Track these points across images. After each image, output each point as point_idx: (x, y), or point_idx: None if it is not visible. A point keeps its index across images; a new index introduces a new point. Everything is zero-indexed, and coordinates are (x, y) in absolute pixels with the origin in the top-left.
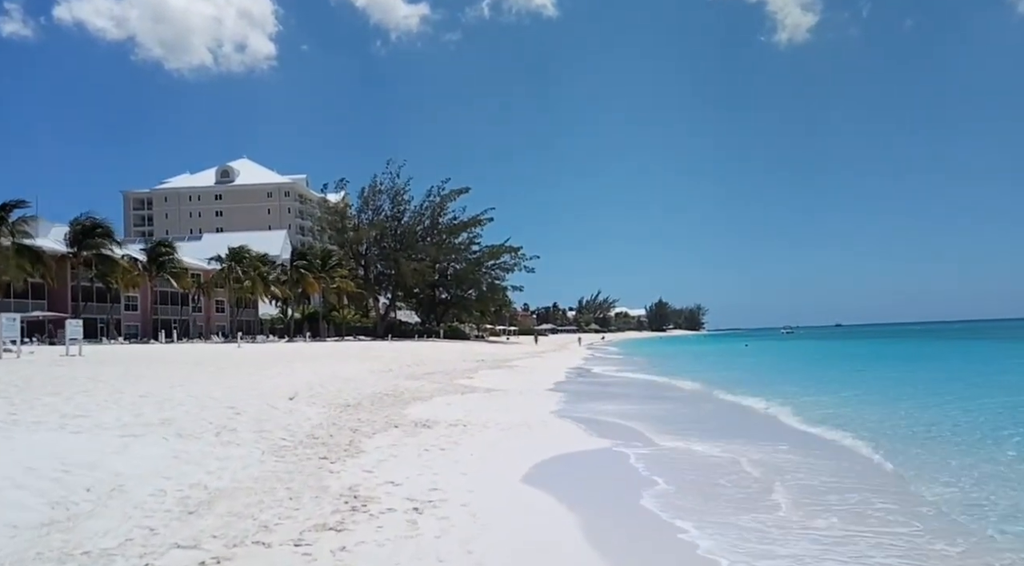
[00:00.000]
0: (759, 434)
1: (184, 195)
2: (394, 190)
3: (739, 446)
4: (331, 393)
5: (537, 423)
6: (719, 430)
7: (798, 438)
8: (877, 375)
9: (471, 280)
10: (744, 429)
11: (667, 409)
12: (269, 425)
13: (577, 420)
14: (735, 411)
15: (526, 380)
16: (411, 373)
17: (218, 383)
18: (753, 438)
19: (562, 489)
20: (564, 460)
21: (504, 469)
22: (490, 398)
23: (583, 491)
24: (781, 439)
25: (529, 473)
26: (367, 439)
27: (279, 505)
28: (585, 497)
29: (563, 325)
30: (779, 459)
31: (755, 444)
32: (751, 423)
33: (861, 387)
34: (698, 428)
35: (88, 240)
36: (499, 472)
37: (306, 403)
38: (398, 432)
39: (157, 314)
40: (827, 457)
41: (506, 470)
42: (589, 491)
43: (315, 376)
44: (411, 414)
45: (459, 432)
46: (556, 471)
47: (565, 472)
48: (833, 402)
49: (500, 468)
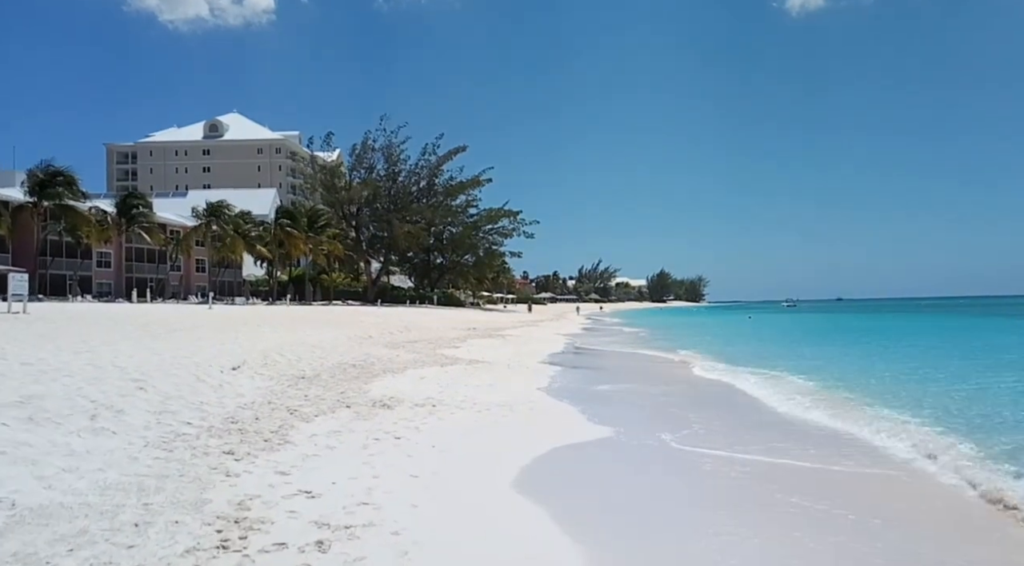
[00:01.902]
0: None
1: (170, 149)
2: (388, 148)
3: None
4: (287, 362)
5: (523, 403)
6: (724, 419)
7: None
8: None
9: (468, 245)
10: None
11: (674, 390)
12: (177, 404)
13: (572, 399)
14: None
15: (517, 351)
16: (391, 341)
17: (145, 348)
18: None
19: (553, 504)
20: (553, 457)
21: (469, 469)
22: (472, 371)
23: (583, 509)
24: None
25: (505, 476)
26: (304, 424)
27: (108, 538)
28: (590, 518)
29: (562, 294)
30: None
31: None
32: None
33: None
34: (707, 416)
35: (48, 189)
36: (462, 474)
37: (251, 374)
38: (348, 414)
39: (132, 272)
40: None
41: (472, 471)
42: (592, 508)
43: (278, 342)
44: (373, 390)
45: (424, 415)
46: (543, 474)
47: (555, 476)
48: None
49: (464, 468)
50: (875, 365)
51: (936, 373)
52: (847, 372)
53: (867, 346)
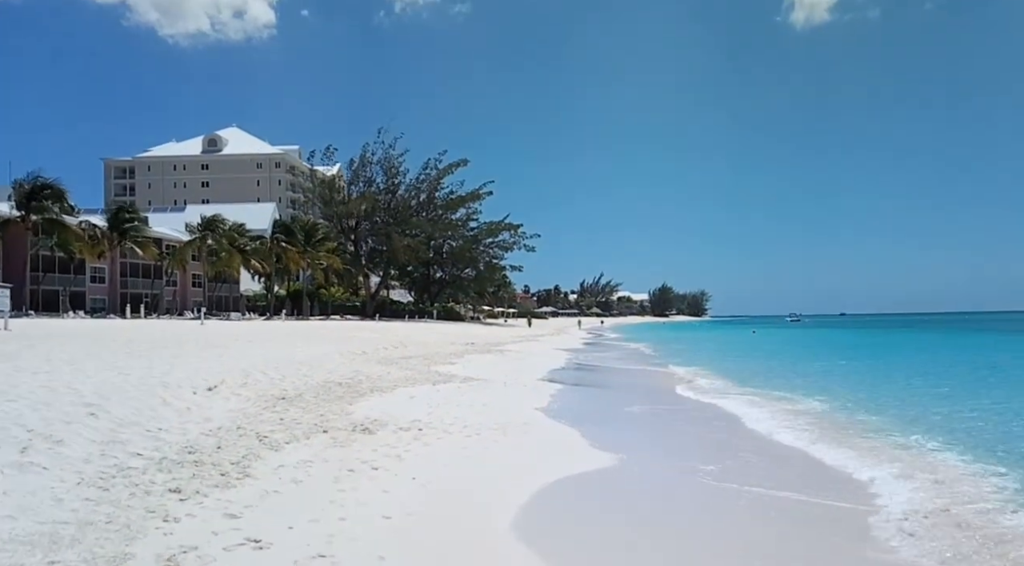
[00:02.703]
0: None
1: (168, 164)
2: (387, 161)
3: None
4: (269, 381)
5: (518, 425)
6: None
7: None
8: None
9: (468, 258)
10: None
11: (679, 410)
12: (130, 432)
13: (572, 421)
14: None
15: (515, 367)
16: (385, 357)
17: (113, 367)
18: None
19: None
20: (556, 493)
21: (453, 509)
22: (466, 390)
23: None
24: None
25: (498, 517)
26: (272, 453)
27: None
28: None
29: (564, 308)
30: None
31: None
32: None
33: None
34: (715, 442)
35: (35, 203)
36: (444, 515)
37: (227, 395)
38: (324, 440)
39: (127, 287)
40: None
41: (456, 511)
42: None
43: (264, 359)
44: (357, 412)
45: (409, 440)
46: (545, 515)
47: (560, 517)
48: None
49: (448, 507)
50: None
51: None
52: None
53: (894, 362)
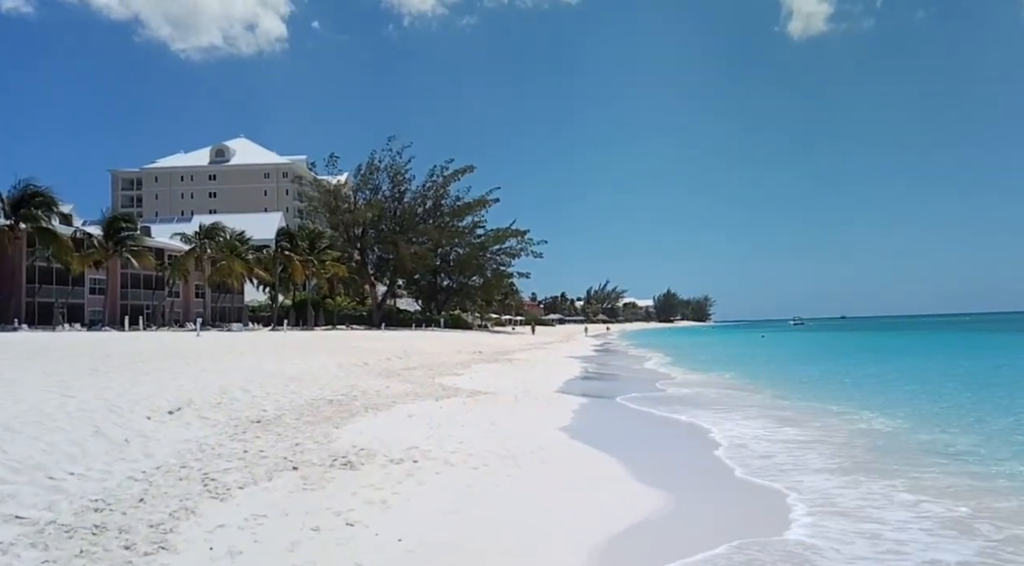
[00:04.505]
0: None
1: (176, 175)
2: (394, 168)
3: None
4: (248, 400)
5: (535, 451)
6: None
7: None
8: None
9: (475, 266)
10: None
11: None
12: (22, 480)
13: (603, 444)
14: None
15: (526, 378)
16: (387, 368)
17: (58, 385)
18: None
19: None
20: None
21: None
22: (472, 406)
23: None
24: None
25: None
26: (214, 505)
27: None
28: None
29: (571, 315)
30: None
31: None
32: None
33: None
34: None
35: (24, 211)
36: None
37: (189, 419)
38: (291, 480)
39: (127, 299)
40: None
41: None
42: None
43: (250, 373)
44: (342, 437)
45: (400, 476)
46: None
47: None
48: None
49: None
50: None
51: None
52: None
53: (918, 368)
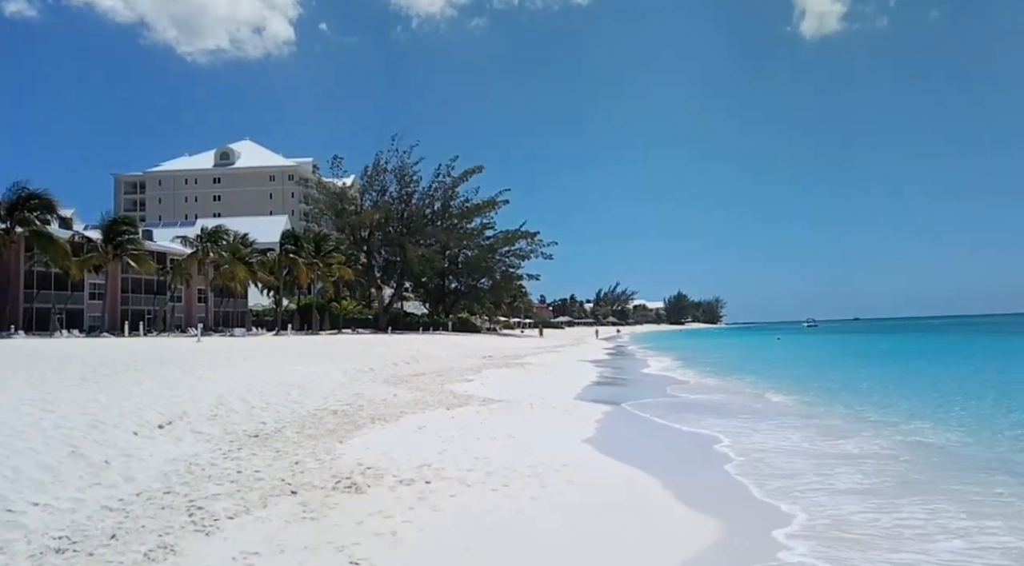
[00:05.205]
0: None
1: (180, 178)
2: (401, 169)
3: None
4: (246, 411)
5: (560, 468)
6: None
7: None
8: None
9: (484, 268)
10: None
11: (762, 428)
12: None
13: (636, 459)
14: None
15: (540, 384)
16: (394, 374)
17: (39, 397)
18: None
19: None
20: None
21: None
22: (487, 416)
23: None
24: None
25: None
26: (199, 539)
27: None
28: None
29: (580, 317)
30: None
31: None
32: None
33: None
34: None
35: (18, 214)
36: None
37: (181, 434)
38: (289, 507)
39: (128, 304)
40: None
41: None
42: None
43: (250, 382)
44: (347, 454)
45: (412, 500)
46: None
47: None
48: None
49: None
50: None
51: None
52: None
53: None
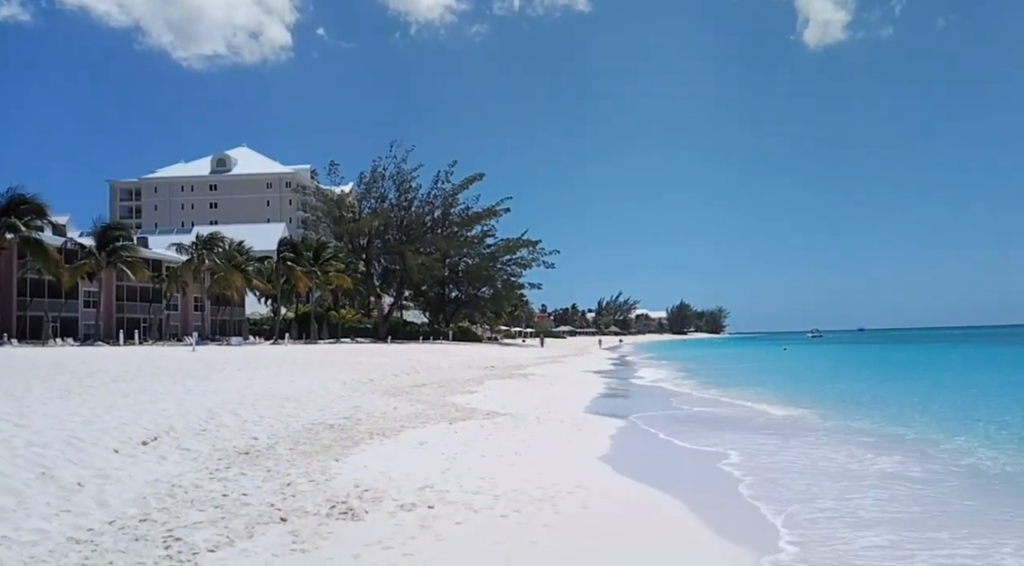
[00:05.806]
0: None
1: (176, 185)
2: (399, 176)
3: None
4: (237, 425)
5: (572, 491)
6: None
7: None
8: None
9: (484, 277)
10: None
11: (791, 446)
12: None
13: (655, 480)
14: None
15: (546, 396)
16: (394, 385)
17: (16, 412)
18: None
19: None
20: None
21: None
22: (492, 431)
23: None
24: None
25: None
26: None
27: None
28: None
29: (582, 327)
30: None
31: None
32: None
33: None
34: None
35: (6, 220)
36: None
37: (167, 451)
38: (277, 537)
39: (124, 312)
40: None
41: None
42: None
43: (242, 393)
44: (344, 473)
45: (413, 528)
46: None
47: None
48: None
49: None
50: None
51: None
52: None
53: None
